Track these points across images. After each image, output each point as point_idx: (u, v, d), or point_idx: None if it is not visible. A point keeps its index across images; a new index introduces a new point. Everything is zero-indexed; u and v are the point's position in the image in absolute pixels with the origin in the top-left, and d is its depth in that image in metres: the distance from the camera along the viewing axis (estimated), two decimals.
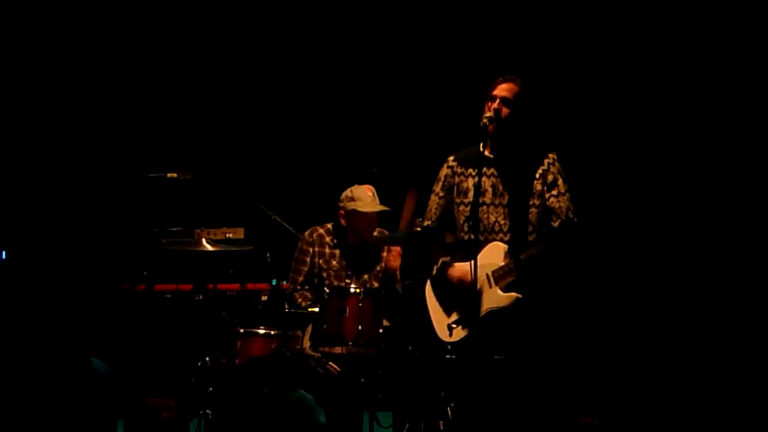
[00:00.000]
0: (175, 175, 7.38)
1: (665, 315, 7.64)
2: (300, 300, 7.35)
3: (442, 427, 6.53)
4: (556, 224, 5.91)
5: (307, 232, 7.52)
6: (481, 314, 5.74)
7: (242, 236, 7.46)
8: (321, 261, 7.46)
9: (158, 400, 4.36)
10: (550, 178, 5.95)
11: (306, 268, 7.46)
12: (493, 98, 5.91)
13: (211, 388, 6.94)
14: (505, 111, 5.90)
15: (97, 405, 6.76)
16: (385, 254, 7.50)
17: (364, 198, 7.34)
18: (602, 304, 7.85)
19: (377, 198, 7.38)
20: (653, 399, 7.40)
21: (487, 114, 5.86)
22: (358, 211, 7.32)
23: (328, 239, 7.49)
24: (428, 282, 6.18)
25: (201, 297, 7.33)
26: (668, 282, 7.66)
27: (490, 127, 5.85)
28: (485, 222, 5.93)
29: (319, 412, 4.36)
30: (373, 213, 7.34)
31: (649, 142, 7.96)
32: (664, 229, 7.67)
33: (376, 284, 7.40)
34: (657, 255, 7.71)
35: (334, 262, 7.45)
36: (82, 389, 6.78)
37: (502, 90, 5.92)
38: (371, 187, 7.40)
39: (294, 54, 9.17)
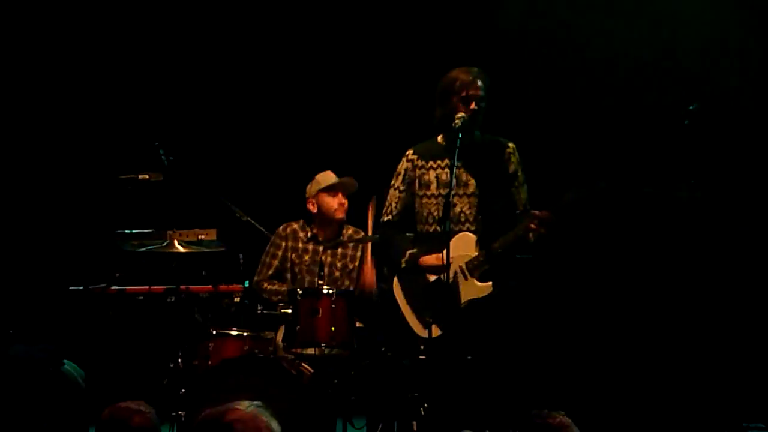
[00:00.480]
0: (146, 176, 7.35)
1: (638, 308, 7.67)
2: (267, 285, 7.35)
3: (415, 428, 6.53)
4: (516, 216, 5.93)
5: (280, 228, 7.55)
6: (462, 306, 5.73)
7: (214, 238, 7.43)
8: (294, 255, 7.48)
9: (130, 404, 4.33)
10: (511, 168, 5.97)
11: (277, 262, 7.48)
12: (470, 98, 5.90)
13: (183, 390, 6.92)
14: (478, 109, 5.91)
15: (68, 410, 6.75)
16: (357, 260, 7.50)
17: (327, 176, 7.42)
18: (574, 299, 7.88)
19: (345, 178, 7.42)
20: (627, 394, 7.42)
21: (460, 116, 5.86)
22: (323, 188, 7.36)
23: (301, 234, 7.51)
24: (395, 278, 6.17)
25: (173, 299, 7.29)
26: (638, 275, 7.69)
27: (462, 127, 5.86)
28: (450, 213, 5.92)
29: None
30: (340, 186, 7.36)
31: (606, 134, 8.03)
32: (632, 221, 7.70)
33: (348, 283, 7.40)
34: (626, 248, 7.74)
35: (307, 257, 7.46)
36: (51, 395, 6.76)
37: (478, 89, 5.92)
38: (332, 173, 7.44)
39: (263, 57, 9.16)
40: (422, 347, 6.10)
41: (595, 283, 7.87)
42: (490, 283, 5.82)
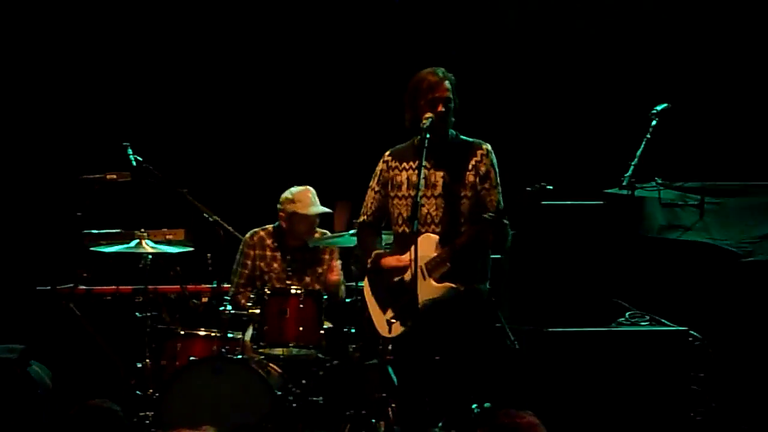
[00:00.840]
0: (114, 176, 7.34)
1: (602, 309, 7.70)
2: (243, 301, 7.34)
3: (383, 428, 6.55)
4: (486, 216, 5.94)
5: (248, 235, 7.52)
6: (420, 306, 5.73)
7: (182, 237, 7.43)
8: (262, 264, 7.46)
9: (97, 403, 4.33)
10: (483, 169, 5.97)
11: (247, 271, 7.47)
12: (436, 100, 5.91)
13: (150, 390, 6.91)
14: (446, 110, 5.93)
15: (35, 410, 6.73)
16: (325, 263, 7.51)
17: (304, 200, 7.35)
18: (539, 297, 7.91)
19: (317, 199, 7.40)
20: (595, 394, 7.45)
21: (428, 116, 5.87)
22: (299, 213, 7.34)
23: (269, 242, 7.49)
24: (366, 278, 6.19)
25: (141, 299, 7.28)
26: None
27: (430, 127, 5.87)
28: (418, 214, 5.93)
29: None
30: (313, 215, 7.35)
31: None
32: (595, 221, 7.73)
33: (317, 286, 7.41)
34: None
35: (276, 265, 7.46)
36: (18, 395, 6.75)
37: (444, 90, 5.93)
38: (310, 188, 7.42)
39: (232, 57, 9.16)
40: (389, 347, 6.11)
41: (561, 281, 7.89)
42: (447, 284, 5.83)
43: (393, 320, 5.91)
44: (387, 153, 6.19)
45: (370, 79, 8.88)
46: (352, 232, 6.96)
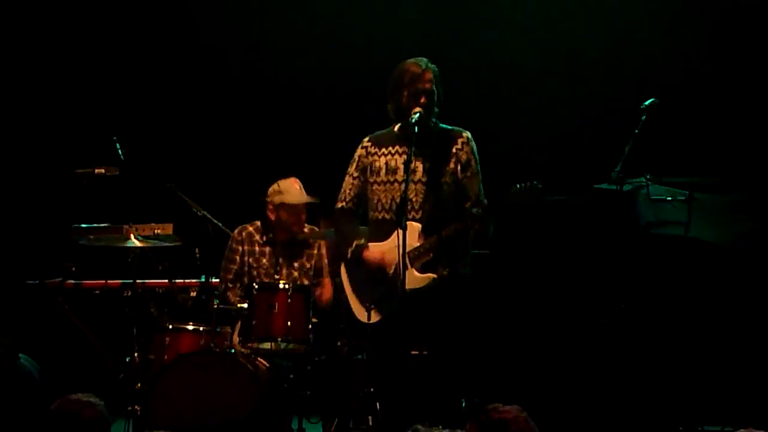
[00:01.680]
0: (102, 170, 7.33)
1: (584, 301, 7.72)
2: (233, 298, 7.34)
3: (370, 423, 6.56)
4: (467, 205, 5.95)
5: (236, 231, 7.52)
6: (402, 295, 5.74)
7: (171, 232, 7.42)
8: (251, 259, 7.46)
9: (80, 397, 4.33)
10: (463, 157, 5.99)
11: (236, 267, 7.47)
12: (419, 92, 5.93)
13: (139, 385, 6.91)
14: (429, 102, 5.94)
15: (23, 404, 6.72)
16: (314, 258, 7.52)
17: (291, 190, 7.36)
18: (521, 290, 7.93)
19: (304, 190, 7.40)
20: (577, 388, 7.47)
21: (417, 111, 5.88)
22: (286, 203, 7.34)
23: (257, 237, 7.49)
24: (343, 265, 6.19)
25: (129, 293, 7.28)
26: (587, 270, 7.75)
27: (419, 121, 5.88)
28: (398, 200, 5.94)
29: None
30: (301, 204, 7.35)
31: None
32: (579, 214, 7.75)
33: (305, 281, 7.41)
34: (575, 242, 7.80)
35: (264, 260, 7.45)
36: (6, 388, 6.74)
37: (426, 81, 5.95)
38: (297, 179, 7.42)
39: (220, 52, 9.16)
40: (372, 339, 6.10)
41: (545, 276, 7.92)
42: (430, 274, 5.84)
43: (372, 306, 5.92)
44: (366, 139, 6.20)
45: (354, 73, 8.88)
46: None
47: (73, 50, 9.07)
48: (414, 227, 5.87)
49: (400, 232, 5.66)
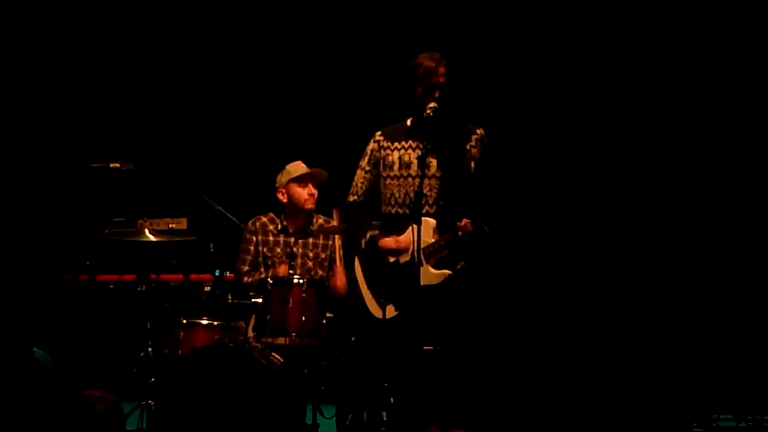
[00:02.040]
0: (117, 165, 7.34)
1: (600, 295, 7.71)
2: (249, 279, 7.35)
3: (385, 418, 6.55)
4: (480, 200, 5.94)
5: (250, 222, 7.53)
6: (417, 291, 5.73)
7: (185, 226, 7.42)
8: (265, 249, 7.47)
9: (93, 392, 4.33)
10: (477, 153, 5.99)
11: (250, 257, 7.48)
12: (433, 86, 5.92)
13: (153, 379, 6.92)
14: (443, 96, 5.93)
15: (38, 396, 6.74)
16: (329, 249, 7.51)
17: (298, 167, 7.40)
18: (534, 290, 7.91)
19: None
20: (589, 383, 7.46)
21: (432, 105, 5.88)
22: (295, 176, 7.36)
23: (271, 227, 7.50)
24: (356, 258, 6.19)
25: (144, 287, 7.29)
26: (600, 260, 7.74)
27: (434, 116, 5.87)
28: (411, 195, 5.94)
29: None
30: (310, 177, 7.37)
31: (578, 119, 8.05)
32: (594, 212, 7.73)
33: (320, 272, 7.42)
34: (587, 237, 7.78)
35: (278, 250, 7.47)
36: (22, 382, 6.75)
37: (440, 76, 5.94)
38: (303, 163, 7.45)
39: (234, 46, 9.16)
40: (385, 333, 6.09)
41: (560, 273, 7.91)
42: (445, 271, 5.84)
43: (386, 302, 5.92)
44: (378, 132, 6.20)
45: (368, 67, 8.87)
46: None
47: (87, 45, 9.07)
48: (429, 223, 5.86)
49: (415, 227, 5.66)
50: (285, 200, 7.44)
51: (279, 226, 7.49)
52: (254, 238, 7.49)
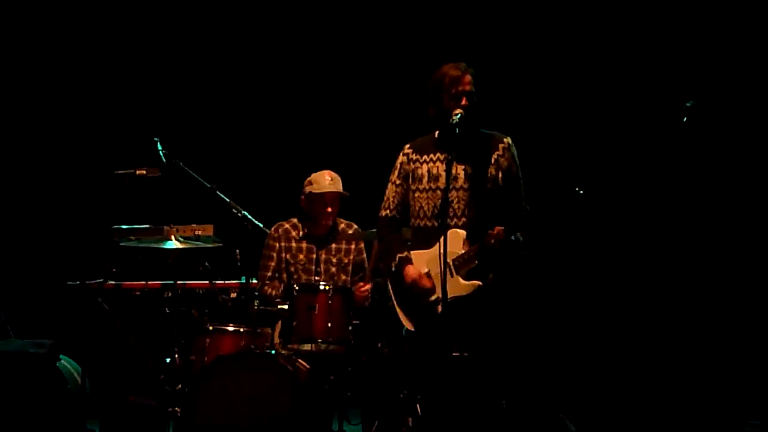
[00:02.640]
0: (143, 171, 7.35)
1: (629, 307, 7.67)
2: (270, 290, 7.35)
3: (410, 424, 6.54)
4: (509, 211, 5.92)
5: (273, 228, 7.53)
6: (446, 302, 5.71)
7: (211, 233, 7.43)
8: (288, 256, 7.47)
9: (138, 399, 4.34)
10: (504, 163, 5.97)
11: (273, 264, 7.48)
12: (460, 95, 5.91)
13: (179, 386, 6.92)
14: (470, 104, 5.92)
15: (63, 405, 6.75)
16: (352, 254, 7.51)
17: (321, 181, 7.37)
18: (564, 296, 7.88)
19: (339, 183, 7.40)
20: (618, 393, 7.43)
21: (458, 112, 5.86)
22: (314, 193, 7.36)
23: (294, 233, 7.50)
24: (388, 280, 6.18)
25: (170, 294, 7.30)
26: (630, 273, 7.70)
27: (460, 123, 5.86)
28: (439, 207, 5.93)
29: None
30: (329, 194, 7.33)
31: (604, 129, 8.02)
32: (625, 216, 7.70)
33: (344, 277, 7.41)
34: (618, 244, 7.75)
35: (301, 256, 7.46)
36: (46, 390, 6.77)
37: (466, 84, 5.93)
38: (332, 172, 7.43)
39: (260, 53, 9.17)
40: (414, 342, 6.08)
41: (590, 280, 7.87)
42: (475, 282, 5.82)
43: (418, 314, 5.92)
44: (407, 146, 6.19)
45: (393, 74, 8.87)
46: None
47: (115, 53, 9.11)
48: (459, 234, 5.85)
49: (442, 237, 5.65)
50: (306, 209, 7.44)
51: (301, 233, 7.49)
52: (277, 245, 7.49)
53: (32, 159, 9.00)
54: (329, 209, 7.37)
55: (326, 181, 7.38)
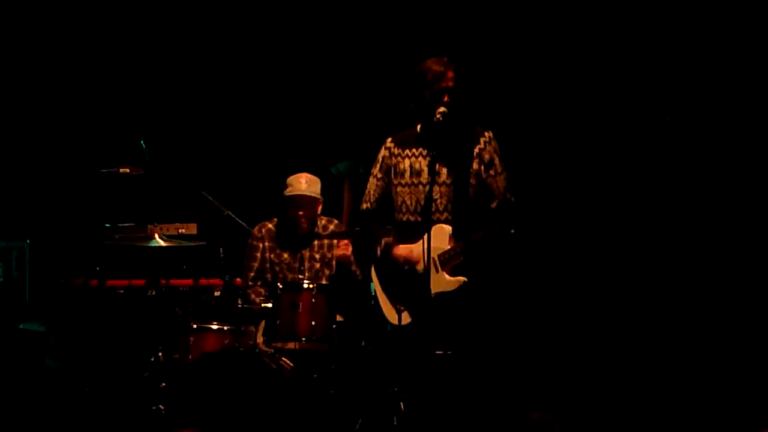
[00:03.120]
0: (127, 170, 7.36)
1: (612, 301, 7.68)
2: (253, 296, 7.36)
3: (395, 423, 6.55)
4: (494, 205, 5.94)
5: (256, 228, 7.54)
6: (431, 297, 5.73)
7: (195, 232, 7.44)
8: (272, 256, 7.48)
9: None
10: (486, 157, 5.98)
11: (256, 264, 7.48)
12: (442, 91, 5.92)
13: (163, 384, 6.93)
14: (451, 100, 5.93)
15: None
16: (334, 248, 7.52)
17: (296, 184, 7.38)
18: (549, 291, 7.88)
19: (316, 185, 7.40)
20: (605, 391, 7.45)
21: (441, 110, 5.87)
22: (287, 196, 7.36)
23: (276, 233, 7.51)
24: (372, 266, 6.20)
25: (154, 292, 7.30)
26: (613, 266, 7.70)
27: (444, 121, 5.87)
28: (423, 202, 5.94)
29: None
30: (302, 197, 7.33)
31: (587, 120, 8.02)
32: (609, 208, 7.70)
33: (327, 271, 7.42)
34: (600, 236, 7.76)
35: (285, 255, 7.47)
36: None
37: (449, 80, 5.94)
38: (310, 175, 7.42)
39: (244, 53, 9.16)
40: (397, 338, 6.10)
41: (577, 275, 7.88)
42: (461, 278, 5.84)
43: (402, 308, 5.93)
44: (389, 139, 6.21)
45: (373, 71, 8.87)
46: None
47: (99, 52, 9.09)
48: (444, 229, 5.87)
49: (426, 234, 5.66)
50: (287, 212, 7.43)
51: (284, 233, 7.49)
52: (260, 245, 7.50)
53: (14, 157, 8.97)
54: (301, 212, 7.37)
55: (301, 184, 7.38)
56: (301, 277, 7.25)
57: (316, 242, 7.50)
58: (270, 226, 7.55)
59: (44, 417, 7.00)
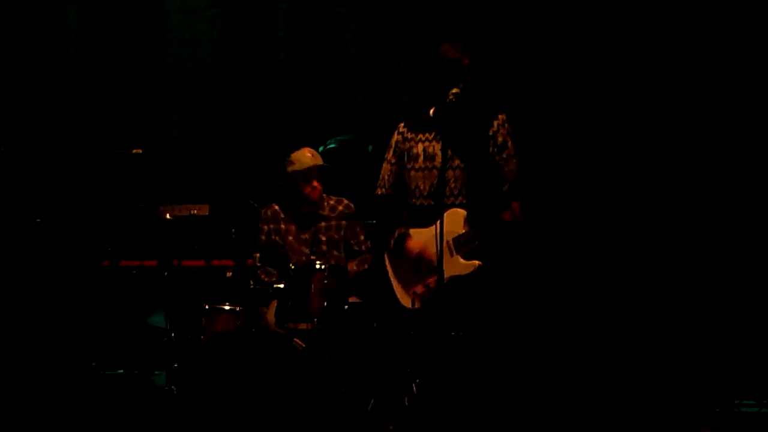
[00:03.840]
0: (140, 151, 7.36)
1: (625, 287, 7.68)
2: (264, 277, 7.37)
3: (407, 403, 6.56)
4: (505, 188, 5.93)
5: (263, 209, 7.54)
6: (444, 281, 5.73)
7: (207, 212, 7.44)
8: (277, 238, 7.48)
9: None
10: (499, 139, 5.97)
11: (262, 245, 7.48)
12: (457, 76, 5.91)
13: (176, 364, 6.95)
14: (466, 86, 5.92)
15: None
16: (342, 230, 7.53)
17: (302, 158, 7.39)
18: (562, 275, 7.88)
19: (319, 157, 7.41)
20: (615, 374, 7.45)
21: (455, 91, 5.86)
22: (296, 171, 7.36)
23: (283, 215, 7.51)
24: (386, 254, 6.20)
25: (166, 273, 7.32)
26: (626, 252, 7.70)
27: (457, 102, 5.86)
28: (436, 186, 5.94)
29: None
30: (310, 170, 7.35)
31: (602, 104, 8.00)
32: (623, 194, 7.69)
33: (336, 253, 7.45)
34: (614, 223, 7.75)
35: (290, 237, 7.47)
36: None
37: (464, 67, 5.93)
38: (311, 149, 7.43)
39: (251, 33, 9.14)
40: (410, 320, 6.11)
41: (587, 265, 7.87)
42: (475, 262, 5.84)
43: (416, 293, 5.93)
44: (402, 124, 6.20)
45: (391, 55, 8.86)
46: None
47: (114, 35, 9.08)
48: (459, 213, 5.86)
49: (443, 215, 5.67)
50: (292, 189, 7.43)
51: (290, 213, 7.49)
52: (266, 227, 7.50)
53: (27, 137, 8.98)
54: (315, 183, 7.39)
55: (306, 157, 7.40)
56: (312, 257, 7.26)
57: (323, 223, 7.49)
58: (276, 207, 7.55)
59: (54, 397, 7.02)
